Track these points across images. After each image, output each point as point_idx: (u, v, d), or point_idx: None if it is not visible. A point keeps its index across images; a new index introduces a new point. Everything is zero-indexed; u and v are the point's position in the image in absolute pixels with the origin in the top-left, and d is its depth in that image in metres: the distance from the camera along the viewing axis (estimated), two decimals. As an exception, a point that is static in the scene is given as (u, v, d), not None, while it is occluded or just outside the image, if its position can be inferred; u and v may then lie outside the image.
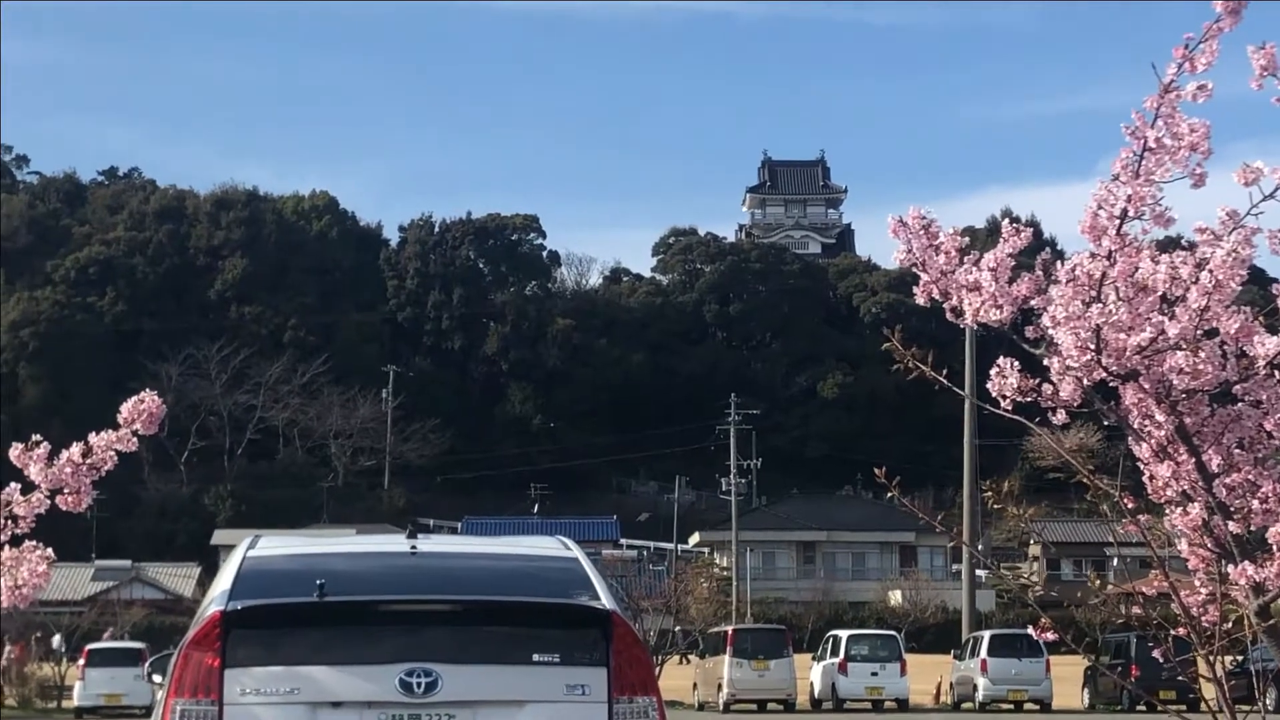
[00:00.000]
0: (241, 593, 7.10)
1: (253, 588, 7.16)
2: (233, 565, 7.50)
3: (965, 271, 6.74)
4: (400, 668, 6.82)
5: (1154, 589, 7.36)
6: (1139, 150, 6.14)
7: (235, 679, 6.81)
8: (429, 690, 6.80)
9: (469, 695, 6.84)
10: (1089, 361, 6.35)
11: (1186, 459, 6.51)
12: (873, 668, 45.37)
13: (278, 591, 7.14)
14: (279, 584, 7.24)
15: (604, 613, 7.09)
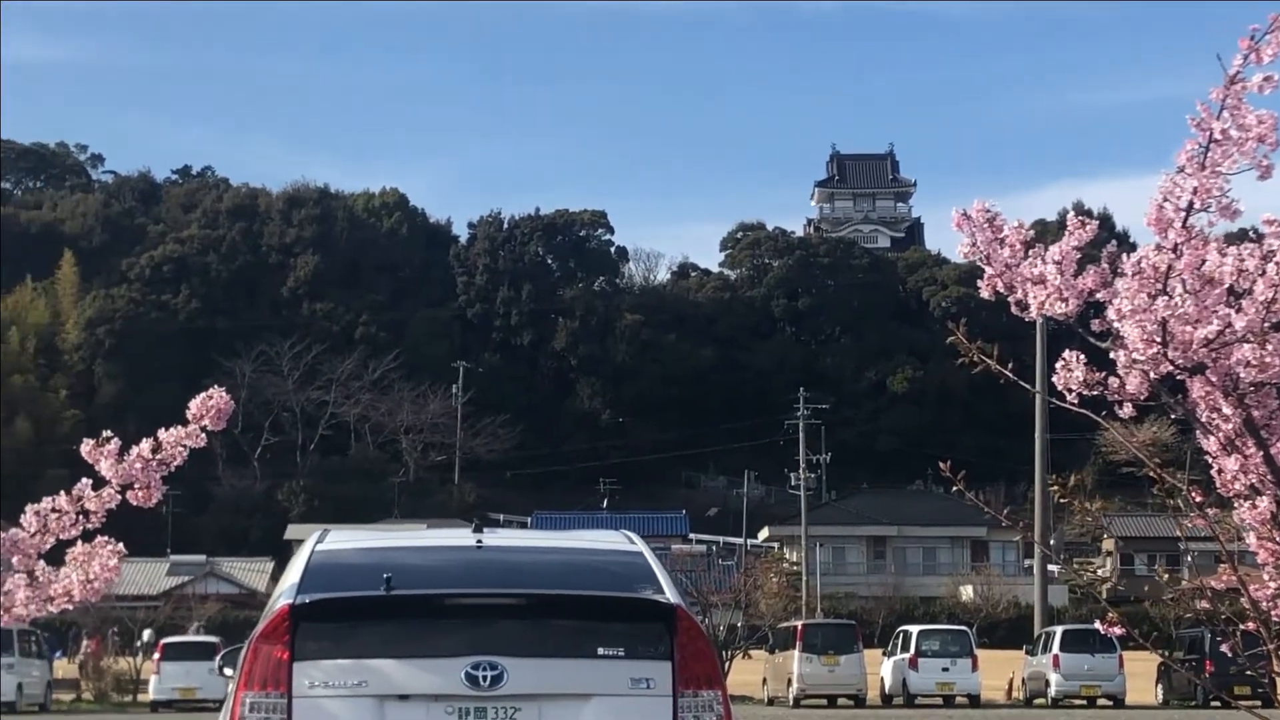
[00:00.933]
0: (310, 586, 7.15)
1: (321, 581, 7.21)
2: (301, 559, 7.56)
3: (1030, 264, 6.71)
4: (466, 661, 6.85)
5: (1223, 583, 7.31)
6: (1205, 142, 6.10)
7: (304, 672, 6.87)
8: (495, 683, 6.83)
9: (534, 688, 6.86)
10: (1155, 354, 6.32)
11: (1255, 452, 6.46)
12: (944, 663, 45.17)
13: (346, 585, 7.19)
14: (347, 578, 7.30)
15: (668, 606, 7.10)
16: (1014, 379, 7.14)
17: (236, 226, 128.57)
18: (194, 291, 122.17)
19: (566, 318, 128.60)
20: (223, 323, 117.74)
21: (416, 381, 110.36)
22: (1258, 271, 6.10)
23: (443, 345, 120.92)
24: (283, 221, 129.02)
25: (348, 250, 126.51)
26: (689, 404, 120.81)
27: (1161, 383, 6.51)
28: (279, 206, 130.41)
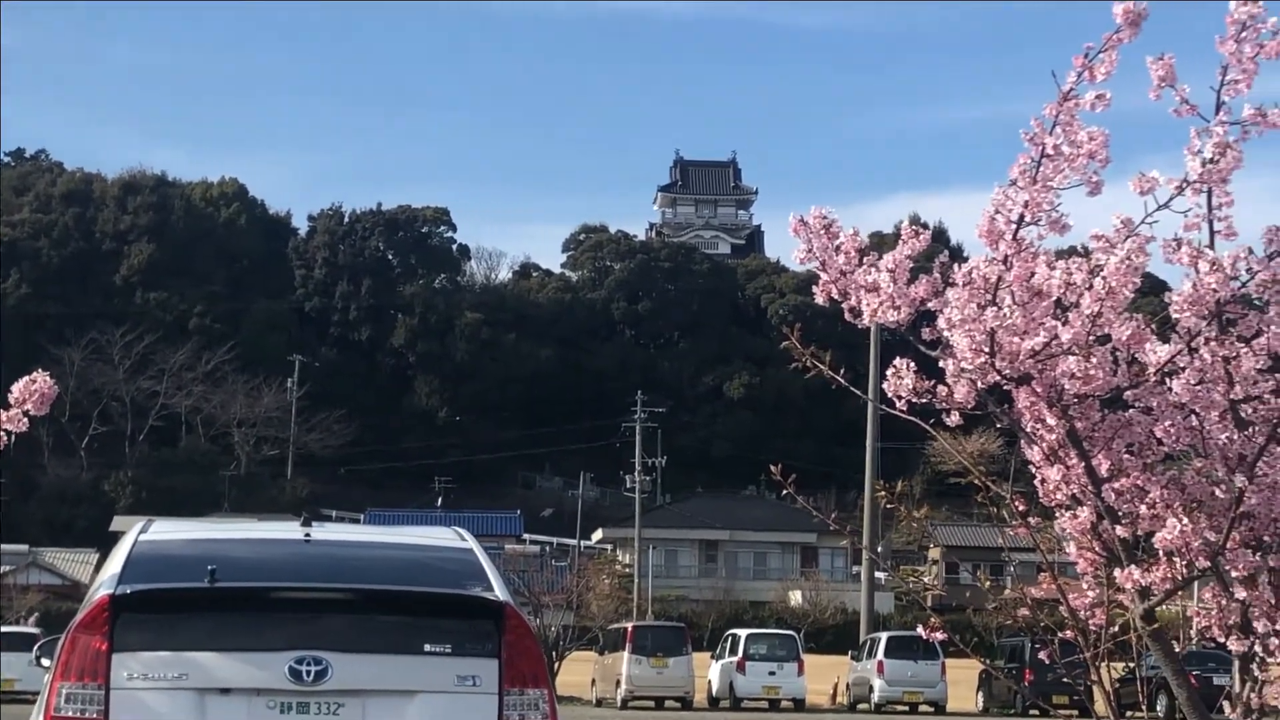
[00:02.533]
0: (131, 577, 7.04)
1: (143, 572, 7.10)
2: (123, 550, 7.43)
3: (864, 272, 6.78)
4: (290, 655, 6.78)
5: (1043, 592, 7.44)
6: (1037, 156, 6.21)
7: (123, 663, 6.75)
8: (319, 678, 6.76)
9: (359, 684, 6.81)
10: (983, 364, 6.41)
11: (1076, 463, 6.58)
12: (770, 667, 45.55)
13: (168, 576, 7.08)
14: (170, 569, 7.18)
15: (497, 604, 7.08)
16: (846, 385, 7.20)
17: (70, 212, 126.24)
18: (24, 276, 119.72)
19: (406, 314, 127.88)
20: (53, 309, 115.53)
21: (251, 374, 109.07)
22: (1084, 285, 6.22)
23: (279, 338, 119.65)
24: (118, 208, 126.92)
25: (184, 239, 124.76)
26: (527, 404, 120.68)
27: (989, 392, 6.61)
28: (114, 193, 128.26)
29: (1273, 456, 6.42)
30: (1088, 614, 6.94)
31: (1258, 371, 6.40)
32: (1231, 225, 6.36)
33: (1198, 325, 6.31)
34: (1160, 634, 6.62)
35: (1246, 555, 6.32)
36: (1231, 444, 6.54)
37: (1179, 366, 6.50)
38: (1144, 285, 6.77)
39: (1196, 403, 6.53)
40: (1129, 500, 6.59)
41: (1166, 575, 6.45)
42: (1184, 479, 6.66)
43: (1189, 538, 6.32)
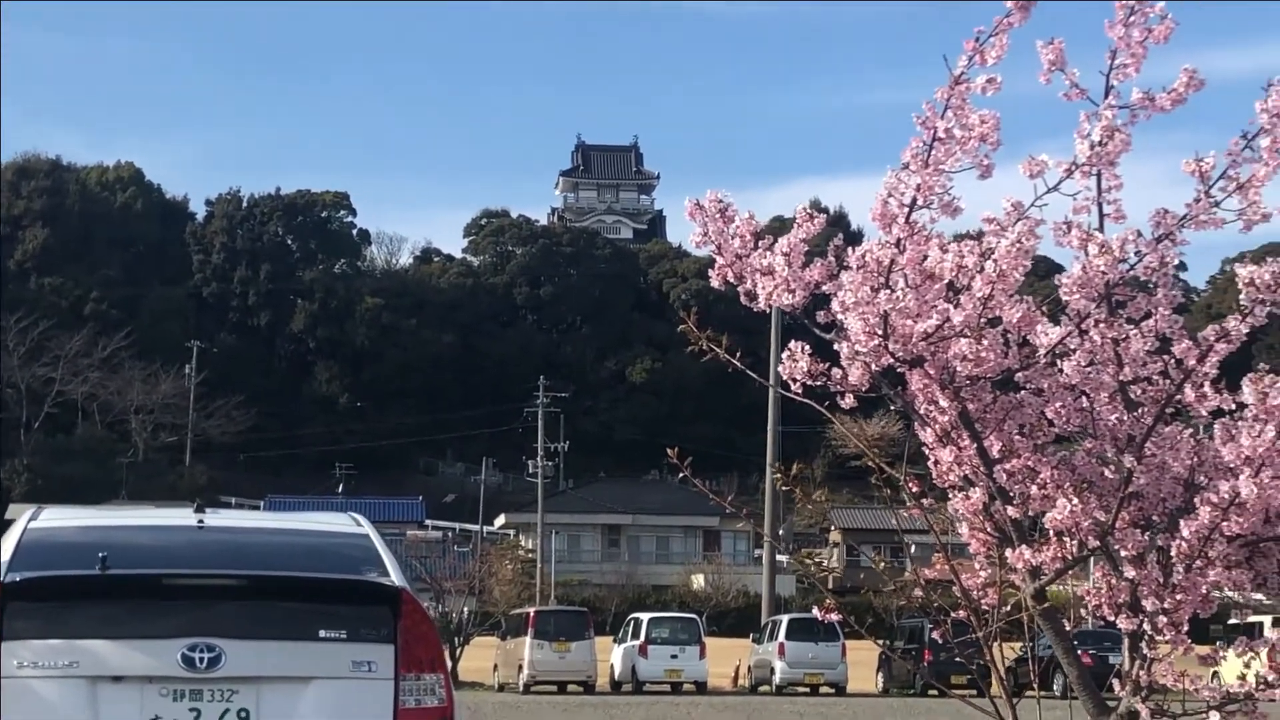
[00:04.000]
0: (21, 565, 6.95)
1: (33, 560, 7.02)
2: (13, 537, 7.34)
3: (759, 256, 6.79)
4: (182, 642, 6.72)
5: (937, 573, 7.50)
6: (929, 140, 6.24)
7: (12, 652, 6.67)
8: (211, 665, 6.71)
9: (252, 671, 6.76)
10: (876, 347, 6.44)
11: (969, 444, 6.62)
12: (673, 650, 45.69)
13: (59, 564, 7.00)
14: (60, 556, 7.10)
15: (392, 590, 7.05)
16: (743, 369, 7.22)
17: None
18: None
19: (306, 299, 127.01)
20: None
21: (148, 360, 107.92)
22: (976, 268, 6.26)
23: (177, 324, 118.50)
24: (11, 193, 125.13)
25: (80, 224, 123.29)
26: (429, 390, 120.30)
27: (882, 375, 6.64)
28: (8, 177, 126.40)
29: (1160, 437, 6.50)
30: (980, 594, 7.00)
31: (1146, 353, 6.47)
32: (1121, 208, 6.42)
33: (1087, 307, 6.37)
34: (1051, 613, 6.69)
35: (1135, 534, 6.39)
36: (1121, 425, 6.61)
37: (1069, 348, 6.57)
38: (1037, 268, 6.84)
39: (1086, 384, 6.60)
40: (1020, 481, 6.65)
41: (1057, 555, 6.52)
42: (1074, 460, 6.73)
43: (1079, 518, 6.39)
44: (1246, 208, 6.15)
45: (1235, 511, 6.11)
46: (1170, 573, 6.33)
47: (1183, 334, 6.42)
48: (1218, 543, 6.20)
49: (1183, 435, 6.57)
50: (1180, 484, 6.56)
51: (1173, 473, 6.56)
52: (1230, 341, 6.27)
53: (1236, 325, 6.21)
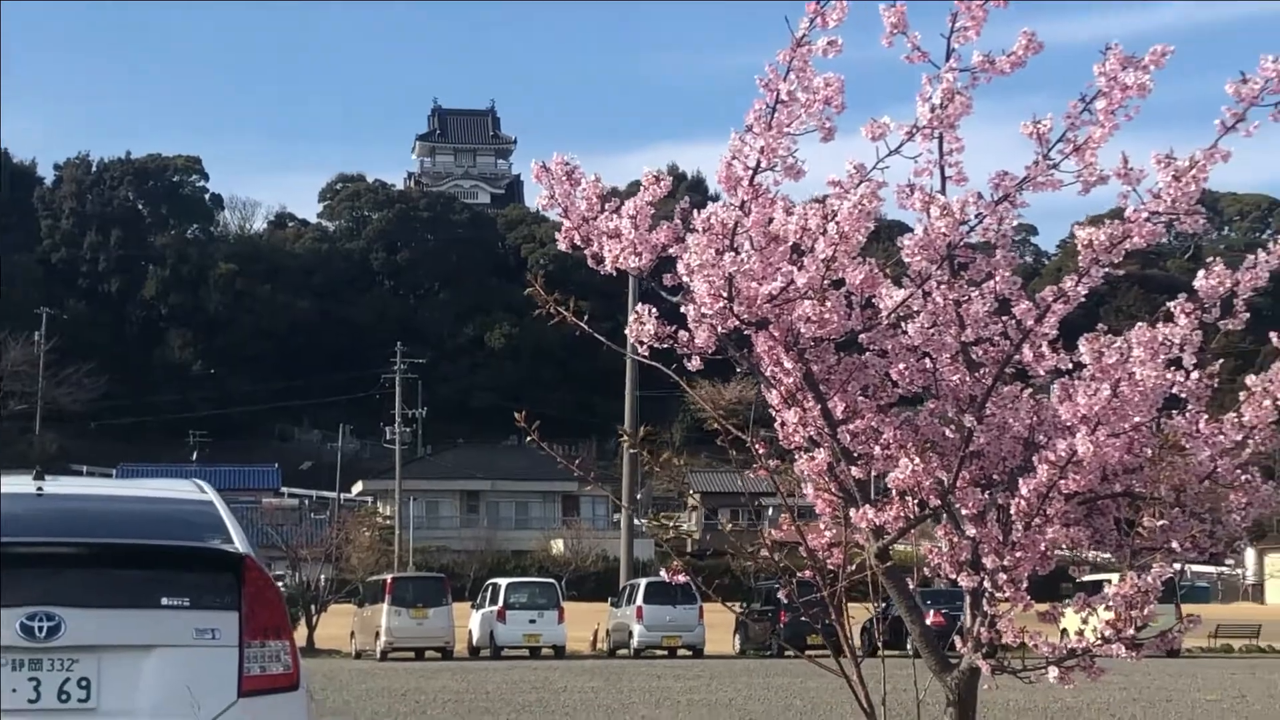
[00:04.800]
0: None
1: None
2: None
3: (606, 218, 6.78)
4: (21, 612, 6.59)
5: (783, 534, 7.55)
6: (772, 102, 6.25)
7: None
8: (51, 634, 6.59)
9: (93, 639, 6.65)
10: (722, 309, 6.45)
11: (813, 406, 6.66)
12: (531, 615, 45.77)
13: (-108, 534, 6.84)
14: (-106, 526, 6.94)
15: (236, 556, 6.96)
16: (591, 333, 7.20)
17: None
18: None
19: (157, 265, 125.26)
20: None
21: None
22: (819, 231, 6.28)
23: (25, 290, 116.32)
24: None
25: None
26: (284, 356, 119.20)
27: (728, 337, 6.65)
28: None
29: (1000, 397, 6.58)
30: (825, 554, 7.05)
31: (987, 314, 6.54)
32: (962, 171, 6.47)
33: (929, 269, 6.42)
34: (893, 572, 6.76)
35: (976, 493, 6.47)
36: (963, 385, 6.68)
37: (913, 310, 6.62)
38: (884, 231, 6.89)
39: (929, 345, 6.65)
40: (864, 442, 6.71)
41: (899, 514, 6.58)
42: (917, 420, 6.79)
43: (920, 477, 6.45)
44: (1083, 170, 6.22)
45: (1072, 469, 6.20)
46: (1010, 530, 6.42)
47: (1022, 295, 6.50)
48: (1056, 500, 6.29)
49: (1022, 395, 6.66)
50: (1020, 443, 6.65)
51: (1013, 432, 6.65)
52: (1068, 302, 6.36)
53: (1073, 286, 6.30)
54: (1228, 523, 6.77)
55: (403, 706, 24.47)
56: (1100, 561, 7.80)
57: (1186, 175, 6.07)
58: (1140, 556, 6.61)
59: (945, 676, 6.72)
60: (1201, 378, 6.51)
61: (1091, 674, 6.51)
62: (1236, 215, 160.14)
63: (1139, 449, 6.51)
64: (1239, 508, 6.74)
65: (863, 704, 6.94)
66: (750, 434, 7.10)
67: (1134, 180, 6.17)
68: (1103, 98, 6.19)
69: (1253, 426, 6.60)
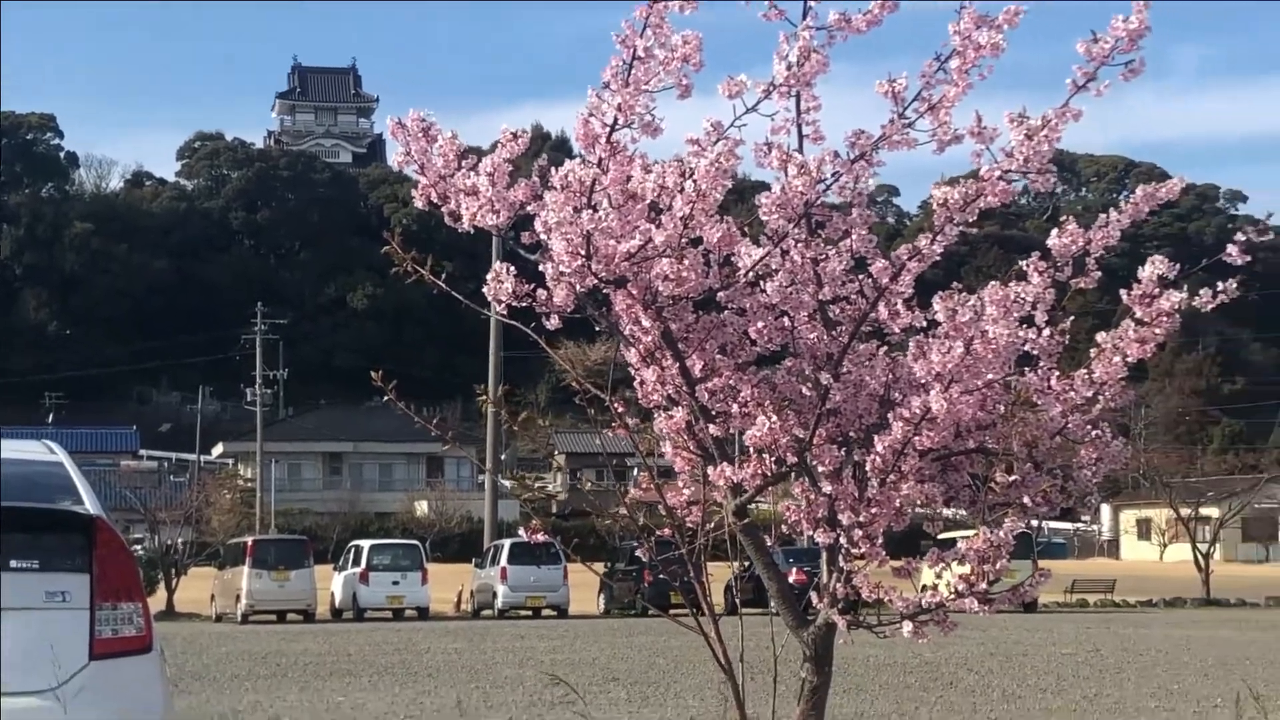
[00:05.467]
0: None
1: None
2: None
3: (463, 176, 6.73)
4: None
5: (642, 492, 7.56)
6: (629, 59, 6.22)
7: None
8: (-105, 599, 6.46)
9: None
10: (580, 267, 6.42)
11: (671, 364, 6.67)
12: (394, 577, 45.64)
13: None
14: None
15: (87, 518, 6.85)
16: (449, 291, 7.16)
17: None
18: None
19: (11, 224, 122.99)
20: None
21: None
22: (677, 188, 6.28)
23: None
24: None
25: None
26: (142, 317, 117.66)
27: (587, 296, 6.64)
28: None
29: (857, 355, 6.63)
30: (684, 512, 7.07)
31: (844, 273, 6.58)
32: (819, 129, 6.49)
33: (786, 227, 6.44)
34: (750, 529, 6.79)
35: (832, 450, 6.51)
36: (820, 343, 6.71)
37: (771, 268, 6.64)
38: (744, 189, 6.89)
39: (787, 304, 6.68)
40: (722, 400, 6.72)
41: (757, 471, 6.61)
42: (775, 378, 6.81)
43: (777, 435, 6.48)
44: (938, 129, 6.26)
45: (926, 426, 6.26)
46: (865, 487, 6.47)
47: (877, 253, 6.54)
48: (910, 457, 6.35)
49: (879, 353, 6.71)
50: (876, 400, 6.69)
51: (869, 390, 6.69)
52: (922, 260, 6.41)
53: (928, 244, 6.35)
54: (1079, 478, 6.85)
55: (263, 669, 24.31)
56: (960, 518, 7.89)
57: (1038, 134, 6.13)
58: (993, 512, 6.69)
59: (802, 632, 6.77)
60: (1053, 335, 6.59)
61: (944, 628, 6.59)
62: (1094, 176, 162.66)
63: (992, 406, 6.58)
64: (1090, 463, 6.83)
65: (720, 661, 6.98)
66: (609, 393, 7.10)
67: (987, 139, 6.22)
68: (957, 57, 6.22)
69: (1103, 383, 6.68)
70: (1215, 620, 41.63)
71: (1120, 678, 22.15)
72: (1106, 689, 20.43)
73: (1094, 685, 20.94)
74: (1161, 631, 35.20)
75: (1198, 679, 21.57)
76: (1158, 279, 6.64)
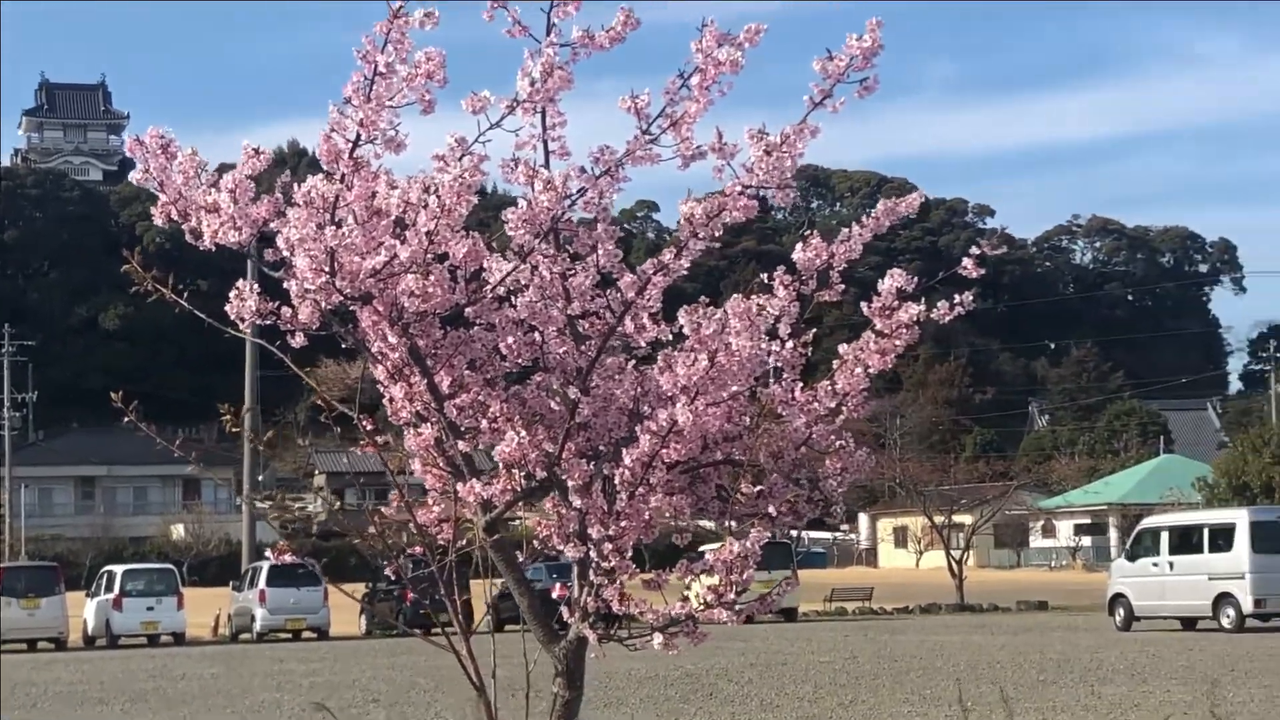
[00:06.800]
0: None
1: None
2: None
3: (204, 192, 6.64)
4: None
5: (394, 511, 7.52)
6: (370, 75, 6.19)
7: None
8: None
9: None
10: (324, 284, 6.37)
11: (419, 380, 6.64)
12: (149, 602, 44.78)
13: None
14: None
15: None
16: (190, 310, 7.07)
17: None
18: None
19: None
20: None
21: None
22: (421, 204, 6.26)
23: None
24: None
25: None
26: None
27: (333, 313, 6.58)
28: None
29: (605, 369, 6.66)
30: (436, 529, 7.04)
31: (591, 287, 6.61)
32: (565, 145, 6.51)
33: (531, 242, 6.45)
34: (501, 544, 6.78)
35: (581, 464, 6.52)
36: (570, 358, 6.74)
37: (523, 284, 6.65)
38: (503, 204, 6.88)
39: (536, 319, 6.70)
40: (471, 416, 6.71)
41: (507, 487, 6.60)
42: (525, 393, 6.82)
43: (526, 450, 6.48)
44: (680, 144, 6.33)
45: (673, 438, 6.31)
46: (614, 501, 6.50)
47: (623, 268, 6.59)
48: (658, 469, 6.39)
49: (626, 366, 6.74)
50: (626, 414, 6.73)
51: (619, 403, 6.73)
52: (667, 274, 6.47)
53: (672, 258, 6.42)
54: (825, 488, 6.97)
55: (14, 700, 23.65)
56: (723, 530, 7.95)
57: (778, 150, 6.22)
58: (740, 523, 6.76)
59: (553, 647, 6.78)
60: (796, 347, 6.69)
61: (694, 639, 6.63)
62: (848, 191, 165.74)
63: (738, 417, 6.66)
64: (835, 473, 6.94)
65: (472, 679, 6.95)
66: (357, 411, 7.06)
67: (728, 155, 6.31)
68: (699, 73, 6.30)
69: (846, 394, 6.80)
70: (968, 625, 42.64)
71: (875, 684, 22.58)
72: (862, 695, 20.81)
73: (850, 692, 21.31)
74: (917, 638, 35.95)
75: (949, 683, 22.08)
76: (897, 291, 6.79)
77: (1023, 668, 25.25)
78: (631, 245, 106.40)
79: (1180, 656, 27.78)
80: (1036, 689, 21.28)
